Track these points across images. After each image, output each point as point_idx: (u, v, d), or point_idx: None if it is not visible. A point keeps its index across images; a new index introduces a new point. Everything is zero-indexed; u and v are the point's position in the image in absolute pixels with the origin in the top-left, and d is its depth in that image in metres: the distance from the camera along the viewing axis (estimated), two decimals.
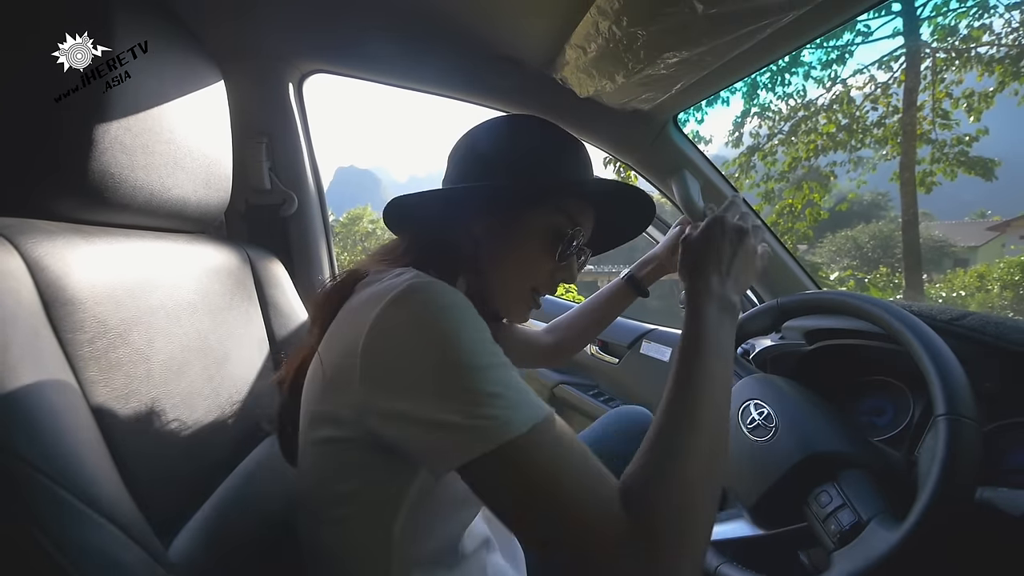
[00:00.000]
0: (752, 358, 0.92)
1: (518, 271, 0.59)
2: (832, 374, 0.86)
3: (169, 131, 0.58)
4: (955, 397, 0.52)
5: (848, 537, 0.54)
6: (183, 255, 0.62)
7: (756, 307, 0.83)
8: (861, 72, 9.66)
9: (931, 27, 8.38)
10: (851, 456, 0.61)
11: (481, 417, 0.38)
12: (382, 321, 0.42)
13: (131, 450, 0.44)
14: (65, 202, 0.49)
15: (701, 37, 0.66)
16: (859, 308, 0.66)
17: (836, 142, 9.35)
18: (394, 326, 0.41)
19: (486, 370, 0.39)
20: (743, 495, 0.67)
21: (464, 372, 0.39)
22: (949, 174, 8.67)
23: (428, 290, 0.43)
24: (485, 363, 0.40)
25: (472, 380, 0.39)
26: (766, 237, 0.57)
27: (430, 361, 0.40)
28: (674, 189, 1.05)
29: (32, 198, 0.48)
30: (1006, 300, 9.00)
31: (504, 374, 0.40)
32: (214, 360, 0.60)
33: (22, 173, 0.48)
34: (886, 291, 10.33)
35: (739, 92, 10.35)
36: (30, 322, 0.39)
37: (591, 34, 0.73)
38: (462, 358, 0.39)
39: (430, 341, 0.40)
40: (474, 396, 0.38)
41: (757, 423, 0.68)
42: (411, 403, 0.40)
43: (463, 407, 0.38)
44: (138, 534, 0.39)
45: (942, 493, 0.49)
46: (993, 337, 0.66)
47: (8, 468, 0.33)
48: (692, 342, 0.48)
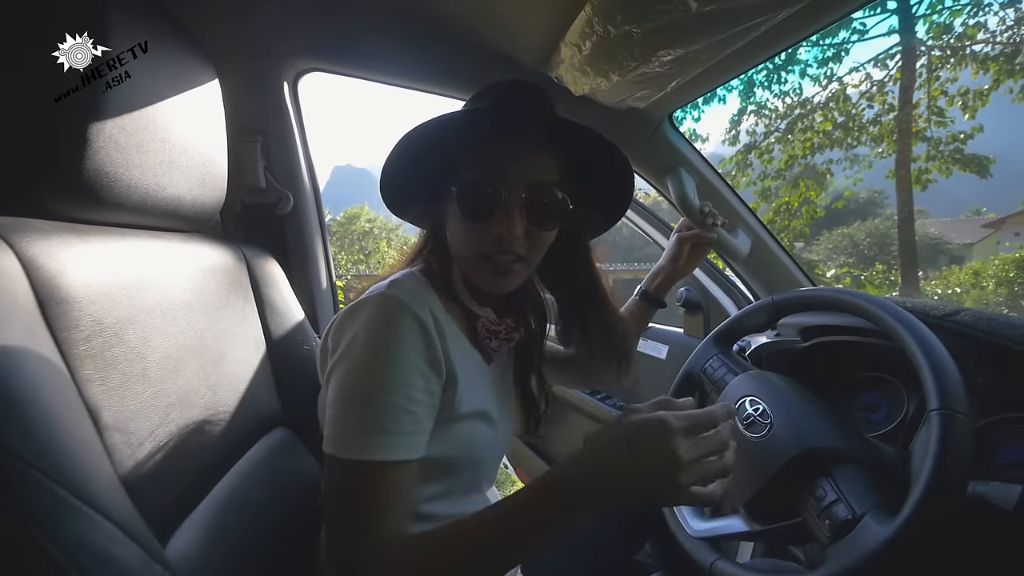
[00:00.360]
0: (748, 355, 0.93)
1: (458, 243, 0.61)
2: (827, 370, 0.86)
3: (164, 130, 0.58)
4: (948, 392, 0.53)
5: (842, 532, 0.55)
6: (179, 254, 0.62)
7: (752, 304, 0.83)
8: (857, 70, 9.69)
9: (926, 25, 8.42)
10: (846, 452, 0.61)
11: (347, 427, 0.50)
12: (337, 321, 0.56)
13: (127, 448, 0.44)
14: (60, 201, 0.49)
15: (695, 35, 0.66)
16: (853, 304, 0.66)
17: (832, 140, 9.38)
18: (340, 327, 0.54)
19: (380, 394, 0.50)
20: (738, 491, 0.67)
21: (362, 387, 0.50)
22: (944, 171, 8.72)
23: (379, 305, 0.53)
24: (383, 387, 0.50)
25: (364, 395, 0.50)
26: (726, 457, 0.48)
27: (347, 367, 0.51)
28: (670, 187, 1.05)
29: (27, 197, 0.48)
30: (1001, 297, 9.04)
31: (391, 406, 0.50)
32: (210, 359, 0.60)
33: (17, 172, 0.48)
34: (882, 288, 10.36)
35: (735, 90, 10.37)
36: (25, 321, 0.39)
37: (586, 32, 0.73)
38: (367, 377, 0.50)
39: (355, 352, 0.51)
40: (358, 408, 0.50)
41: (752, 419, 0.68)
42: (327, 390, 0.54)
43: (345, 411, 0.50)
44: (135, 531, 0.39)
45: (935, 487, 0.49)
46: (986, 333, 0.66)
47: (3, 465, 0.33)
48: (541, 509, 0.46)
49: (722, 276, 1.26)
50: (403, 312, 0.52)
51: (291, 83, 1.06)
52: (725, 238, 1.01)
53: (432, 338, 0.54)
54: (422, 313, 0.53)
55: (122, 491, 0.41)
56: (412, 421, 0.51)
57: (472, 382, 0.60)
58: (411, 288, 0.57)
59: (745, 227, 1.10)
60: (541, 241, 0.61)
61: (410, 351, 0.52)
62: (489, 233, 0.57)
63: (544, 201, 0.59)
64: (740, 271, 1.19)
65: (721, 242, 1.00)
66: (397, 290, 0.54)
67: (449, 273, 0.64)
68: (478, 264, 0.60)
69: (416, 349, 0.52)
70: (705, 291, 1.26)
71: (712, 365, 0.81)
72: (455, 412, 0.57)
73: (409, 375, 0.51)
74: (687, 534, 0.69)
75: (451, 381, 0.57)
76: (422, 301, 0.55)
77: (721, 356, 0.82)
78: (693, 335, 1.28)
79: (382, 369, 0.50)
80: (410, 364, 0.52)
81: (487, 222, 0.57)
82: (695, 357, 0.85)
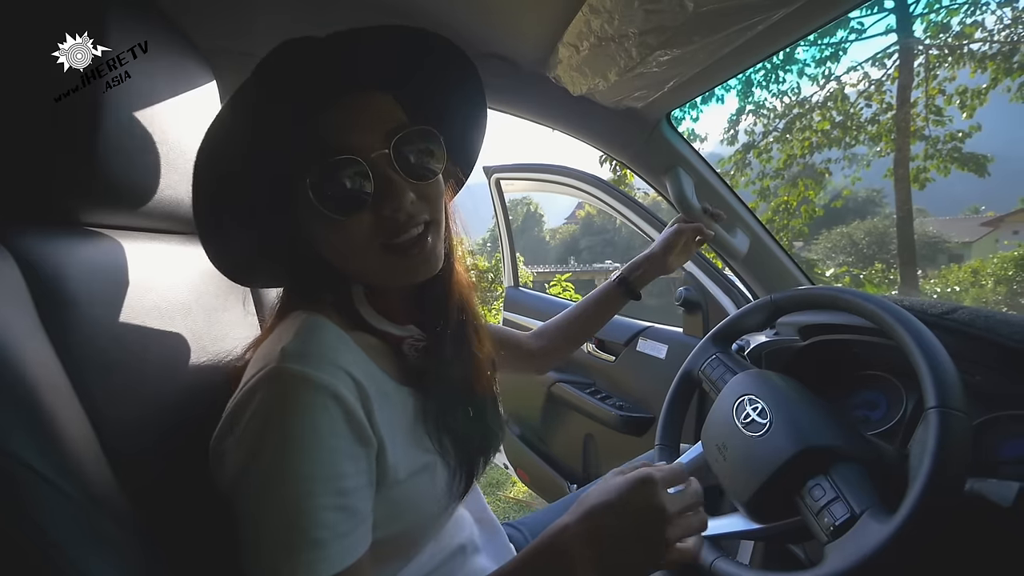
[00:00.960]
0: (747, 354, 0.93)
1: (345, 252, 0.49)
2: (826, 369, 0.86)
3: (163, 132, 0.58)
4: (945, 390, 0.53)
5: (841, 530, 0.55)
6: (177, 256, 0.62)
7: (751, 303, 0.83)
8: (855, 69, 9.72)
9: (924, 24, 8.44)
10: (844, 450, 0.61)
11: (269, 555, 0.39)
12: (235, 405, 0.43)
13: (125, 448, 0.44)
14: (59, 203, 0.49)
15: (692, 35, 0.67)
16: (851, 303, 0.66)
17: (831, 139, 9.42)
18: (233, 416, 0.43)
19: (300, 502, 0.39)
20: (737, 490, 0.67)
21: (276, 501, 0.40)
22: (942, 170, 8.74)
23: (279, 391, 0.41)
24: (302, 492, 0.39)
25: (281, 509, 0.39)
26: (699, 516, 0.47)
27: (256, 476, 0.40)
28: (668, 187, 1.05)
29: (26, 199, 0.48)
30: (999, 295, 9.06)
31: (317, 510, 0.40)
32: (208, 361, 0.60)
33: (16, 174, 0.48)
34: (881, 287, 10.38)
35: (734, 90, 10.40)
36: (24, 323, 0.39)
37: (583, 32, 0.73)
38: (281, 486, 0.40)
39: (261, 455, 0.40)
40: (275, 528, 0.39)
41: (752, 418, 0.68)
42: (220, 467, 0.43)
43: (263, 534, 0.40)
44: (133, 529, 0.39)
45: (933, 485, 0.49)
46: (983, 330, 0.66)
47: (2, 467, 0.33)
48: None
49: (721, 275, 1.26)
50: (312, 391, 0.41)
51: None
52: (724, 237, 1.01)
53: (353, 409, 0.43)
54: (335, 381, 0.42)
55: (121, 491, 0.41)
56: (346, 518, 0.41)
57: (405, 433, 0.50)
58: (314, 346, 0.45)
59: (744, 226, 1.10)
60: (435, 193, 0.50)
61: (330, 436, 0.41)
62: (378, 217, 0.47)
63: (415, 146, 0.48)
64: (739, 270, 1.19)
65: (720, 241, 1.01)
66: (296, 361, 0.42)
67: (351, 304, 0.52)
68: (384, 260, 0.48)
69: (338, 432, 0.42)
70: (704, 290, 1.26)
71: (711, 364, 0.81)
72: (391, 480, 0.47)
73: (334, 465, 0.41)
74: None
75: (381, 448, 0.46)
76: (330, 361, 0.44)
77: (720, 355, 0.82)
78: (692, 334, 1.28)
79: (300, 470, 0.40)
80: (334, 451, 0.41)
81: (369, 205, 0.46)
82: (694, 356, 0.85)
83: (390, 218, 0.47)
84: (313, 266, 0.51)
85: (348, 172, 0.45)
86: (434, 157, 0.50)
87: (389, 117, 0.48)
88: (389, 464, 0.46)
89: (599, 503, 0.45)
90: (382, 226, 0.47)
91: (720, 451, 0.70)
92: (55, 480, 0.35)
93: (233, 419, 0.42)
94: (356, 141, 0.46)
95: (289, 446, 0.40)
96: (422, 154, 0.49)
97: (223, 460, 0.43)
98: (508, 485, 2.46)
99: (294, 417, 0.40)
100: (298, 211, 0.49)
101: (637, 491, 0.44)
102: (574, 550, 0.43)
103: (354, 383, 0.44)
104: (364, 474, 0.44)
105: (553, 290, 3.91)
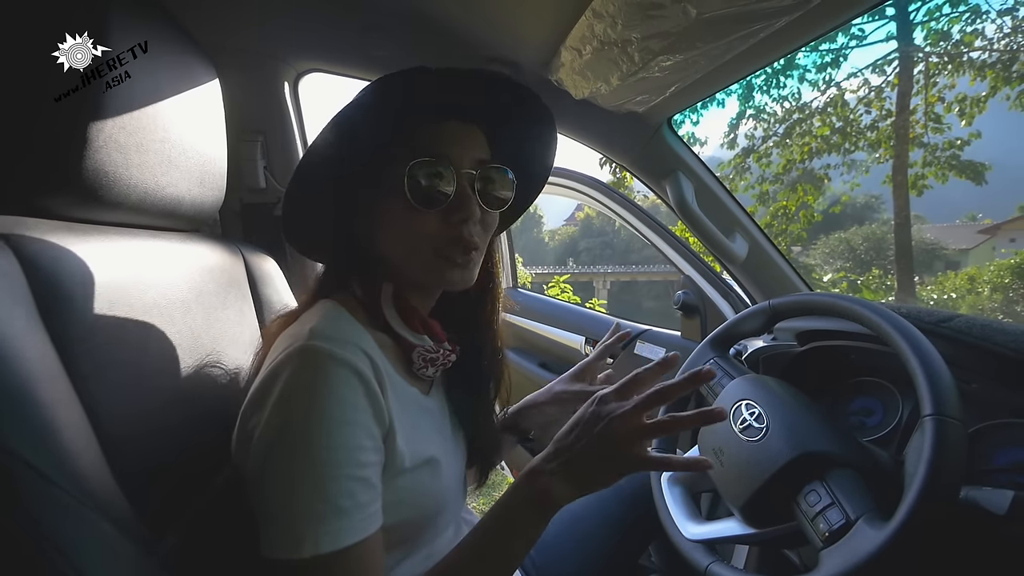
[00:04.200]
0: (744, 359, 0.93)
1: (400, 242, 0.53)
2: (823, 375, 0.87)
3: (164, 129, 0.58)
4: (941, 398, 0.53)
5: (836, 536, 0.55)
6: (177, 254, 0.62)
7: (749, 308, 0.84)
8: (855, 76, 9.75)
9: (924, 31, 8.47)
10: (840, 456, 0.62)
11: (296, 523, 0.41)
12: (257, 385, 0.47)
13: (124, 446, 0.44)
14: (59, 200, 0.49)
15: (695, 41, 0.67)
16: (849, 310, 0.67)
17: (830, 145, 9.44)
18: (261, 392, 0.45)
19: (328, 470, 0.42)
20: (733, 495, 0.67)
21: (304, 469, 0.42)
22: (940, 177, 8.77)
23: (306, 364, 0.44)
24: (330, 460, 0.42)
25: (309, 477, 0.42)
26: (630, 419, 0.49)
27: (282, 447, 0.43)
28: (668, 191, 1.05)
29: (26, 196, 0.48)
30: (995, 303, 9.09)
31: (343, 479, 0.42)
32: (208, 358, 0.60)
33: (17, 172, 0.48)
34: (878, 293, 10.41)
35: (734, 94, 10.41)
36: (24, 319, 0.39)
37: (586, 36, 0.73)
38: (308, 455, 0.42)
39: (288, 427, 0.43)
40: (304, 495, 0.42)
41: (748, 423, 0.68)
42: (245, 454, 0.46)
43: (289, 503, 0.42)
44: (131, 529, 0.39)
45: (928, 492, 0.50)
46: (979, 339, 0.67)
47: (1, 463, 0.33)
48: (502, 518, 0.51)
49: (719, 280, 1.26)
50: (337, 366, 0.44)
51: (291, 83, 1.06)
52: (722, 241, 1.01)
53: (373, 387, 0.46)
54: (357, 360, 0.46)
55: (118, 489, 0.41)
56: (366, 489, 0.44)
57: (413, 426, 0.53)
58: (337, 330, 0.48)
59: (742, 231, 1.11)
60: (493, 223, 0.57)
61: (352, 410, 0.44)
62: (445, 223, 0.52)
63: (494, 179, 0.54)
64: (737, 275, 1.19)
65: (718, 246, 1.01)
66: (322, 340, 0.45)
67: (378, 300, 0.55)
68: (431, 262, 0.53)
69: (359, 406, 0.45)
70: (702, 294, 1.27)
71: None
72: (398, 467, 0.49)
73: (356, 437, 0.44)
74: (683, 537, 0.69)
75: (391, 432, 0.49)
76: (353, 343, 0.47)
77: (718, 359, 0.82)
78: (690, 338, 1.29)
79: (325, 440, 0.42)
80: (355, 425, 0.44)
81: (441, 210, 0.51)
82: (692, 360, 0.85)
83: (454, 227, 0.52)
84: (357, 253, 0.56)
85: (439, 172, 0.51)
86: (505, 192, 0.56)
87: (480, 148, 0.55)
88: (397, 449, 0.49)
89: (560, 432, 0.52)
90: (444, 232, 0.52)
91: (717, 456, 0.71)
92: (52, 476, 0.35)
93: (262, 394, 0.45)
94: (452, 155, 0.52)
95: (316, 416, 0.42)
96: (498, 186, 0.55)
97: (250, 438, 0.45)
98: (506, 486, 2.46)
99: (323, 387, 0.43)
100: (371, 202, 0.54)
101: (586, 409, 0.51)
102: (541, 466, 0.51)
103: (372, 366, 0.48)
104: (379, 452, 0.47)
105: (552, 291, 3.90)
